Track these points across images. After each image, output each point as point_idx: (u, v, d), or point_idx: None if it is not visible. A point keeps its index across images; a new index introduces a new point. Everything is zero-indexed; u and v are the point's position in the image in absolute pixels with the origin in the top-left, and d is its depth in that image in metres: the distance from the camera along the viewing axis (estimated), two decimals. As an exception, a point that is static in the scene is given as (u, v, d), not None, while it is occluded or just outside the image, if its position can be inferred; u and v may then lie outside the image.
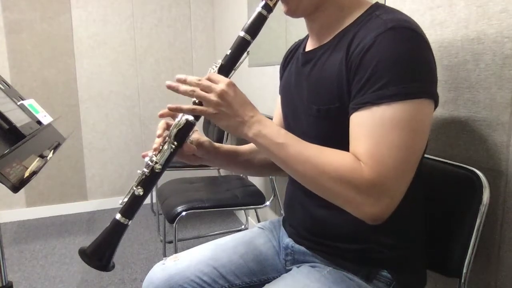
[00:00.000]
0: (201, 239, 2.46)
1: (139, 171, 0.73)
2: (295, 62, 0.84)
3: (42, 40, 2.68)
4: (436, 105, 0.64)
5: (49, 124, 1.32)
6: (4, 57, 2.61)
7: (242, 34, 0.72)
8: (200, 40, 3.07)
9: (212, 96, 0.66)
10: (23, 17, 2.62)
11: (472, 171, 0.78)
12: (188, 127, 0.73)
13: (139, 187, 0.72)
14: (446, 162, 0.85)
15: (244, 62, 0.74)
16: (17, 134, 1.02)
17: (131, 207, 0.73)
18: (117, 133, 2.96)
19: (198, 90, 0.68)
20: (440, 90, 0.91)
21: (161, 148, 0.73)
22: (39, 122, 1.24)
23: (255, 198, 1.86)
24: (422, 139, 0.62)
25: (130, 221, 0.73)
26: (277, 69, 0.97)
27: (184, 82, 0.69)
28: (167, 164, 0.73)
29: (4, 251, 1.17)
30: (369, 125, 0.61)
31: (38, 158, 1.03)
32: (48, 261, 2.17)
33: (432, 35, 0.93)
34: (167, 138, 0.74)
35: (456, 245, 0.79)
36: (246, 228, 2.43)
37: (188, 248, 0.94)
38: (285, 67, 0.92)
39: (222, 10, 2.85)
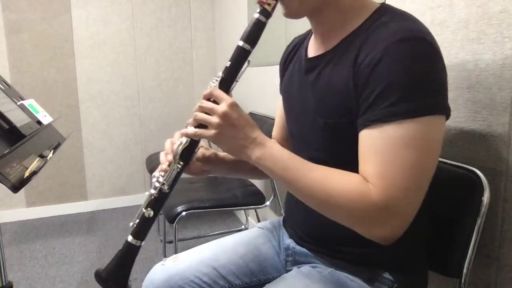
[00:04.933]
0: (201, 239, 2.46)
1: (147, 193, 0.73)
2: (297, 64, 0.81)
3: (42, 40, 2.68)
4: (447, 118, 0.62)
5: (49, 124, 1.32)
6: (4, 57, 2.61)
7: (241, 43, 0.68)
8: (200, 40, 3.07)
9: (214, 118, 0.65)
10: (23, 17, 2.61)
11: (472, 171, 0.78)
12: (193, 145, 0.72)
13: (148, 208, 0.72)
14: (446, 162, 0.85)
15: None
16: (17, 134, 1.02)
17: (142, 228, 0.73)
18: (117, 133, 2.95)
19: (199, 114, 0.67)
20: (440, 90, 0.91)
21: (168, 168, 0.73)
22: (39, 122, 1.25)
23: (255, 198, 1.86)
24: (434, 157, 0.60)
25: (142, 242, 0.74)
26: (277, 69, 0.96)
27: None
28: (175, 184, 0.73)
29: (4, 251, 1.17)
30: (378, 144, 0.58)
31: (38, 158, 1.03)
32: (48, 261, 2.17)
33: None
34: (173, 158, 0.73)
35: (456, 245, 0.79)
36: (246, 228, 2.43)
37: (188, 248, 0.94)
38: (286, 66, 0.89)
39: (222, 10, 2.85)
